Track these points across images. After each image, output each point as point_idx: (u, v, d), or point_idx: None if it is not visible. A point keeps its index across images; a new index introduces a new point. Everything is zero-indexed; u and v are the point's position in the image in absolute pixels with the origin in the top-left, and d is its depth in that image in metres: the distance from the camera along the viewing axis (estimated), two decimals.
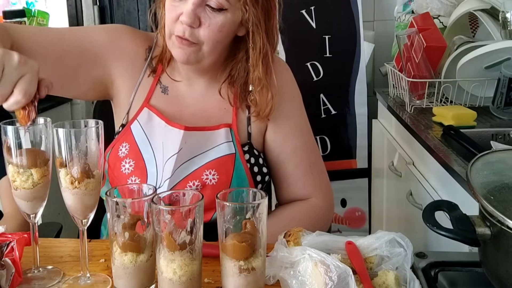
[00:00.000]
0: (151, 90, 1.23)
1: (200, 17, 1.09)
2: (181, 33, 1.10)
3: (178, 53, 1.13)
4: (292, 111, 1.26)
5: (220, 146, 1.17)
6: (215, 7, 1.09)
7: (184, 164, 1.15)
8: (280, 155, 1.23)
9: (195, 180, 1.14)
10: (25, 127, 0.86)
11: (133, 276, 0.81)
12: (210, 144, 1.17)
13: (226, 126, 1.19)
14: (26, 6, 3.05)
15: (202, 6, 1.09)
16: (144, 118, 1.20)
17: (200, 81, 1.23)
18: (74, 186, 0.85)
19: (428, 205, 0.84)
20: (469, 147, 1.39)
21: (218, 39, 1.12)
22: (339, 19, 2.28)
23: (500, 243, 0.75)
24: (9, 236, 0.98)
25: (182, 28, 1.10)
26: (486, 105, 1.79)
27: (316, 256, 0.80)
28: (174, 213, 0.75)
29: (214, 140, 1.18)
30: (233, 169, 1.16)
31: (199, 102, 1.23)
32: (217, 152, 1.17)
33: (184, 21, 1.08)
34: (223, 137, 1.18)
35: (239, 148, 1.18)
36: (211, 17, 1.10)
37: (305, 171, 1.24)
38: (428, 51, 1.89)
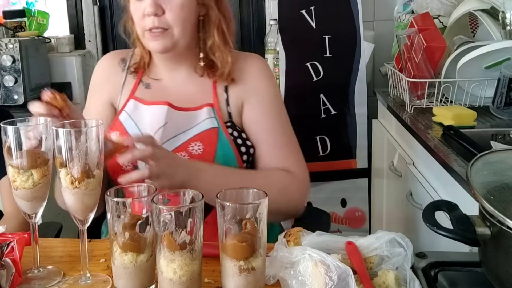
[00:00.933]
0: (135, 86, 1.34)
1: (161, 4, 1.20)
2: (151, 25, 1.21)
3: (154, 45, 1.24)
4: (267, 93, 1.33)
5: (203, 122, 1.26)
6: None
7: (170, 140, 1.25)
8: (256, 134, 1.30)
9: (182, 152, 1.23)
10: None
11: (133, 276, 0.82)
12: (194, 122, 1.27)
13: (208, 106, 1.28)
14: (26, 6, 3.05)
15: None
16: (130, 107, 1.31)
17: (180, 71, 1.32)
18: (74, 186, 0.85)
19: (428, 205, 0.84)
20: (469, 147, 1.39)
21: (183, 17, 1.23)
22: (339, 19, 2.28)
23: (500, 243, 0.75)
24: (9, 236, 0.98)
25: (150, 20, 1.21)
26: (486, 105, 1.79)
27: (316, 256, 0.81)
28: (174, 213, 0.75)
29: (197, 118, 1.27)
30: (217, 140, 1.25)
31: (182, 89, 1.32)
32: (201, 127, 1.26)
33: (149, 11, 1.20)
34: (205, 114, 1.27)
35: (221, 123, 1.27)
36: (170, 1, 1.21)
37: (281, 148, 1.30)
38: (428, 51, 1.89)
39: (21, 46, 2.50)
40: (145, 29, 1.23)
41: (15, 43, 2.49)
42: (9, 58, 2.48)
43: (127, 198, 0.83)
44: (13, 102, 2.53)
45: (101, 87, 1.39)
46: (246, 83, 1.31)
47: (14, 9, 2.94)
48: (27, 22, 2.83)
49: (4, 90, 2.52)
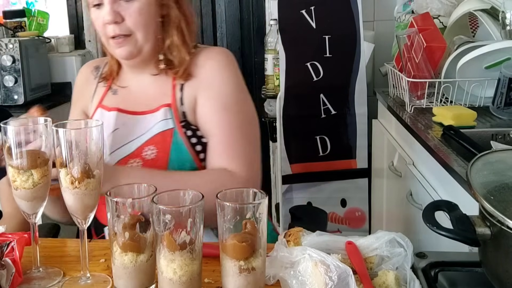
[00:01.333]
0: (104, 94, 1.35)
1: (120, 12, 1.21)
2: (112, 33, 1.22)
3: (120, 52, 1.25)
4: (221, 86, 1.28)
5: (157, 124, 1.25)
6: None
7: (123, 147, 1.25)
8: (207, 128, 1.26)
9: (135, 158, 1.23)
10: None
11: (133, 276, 0.82)
12: (148, 126, 1.26)
13: (165, 106, 1.26)
14: (26, 6, 3.06)
15: (116, 2, 1.21)
16: (97, 116, 1.31)
17: (145, 75, 1.32)
18: (74, 186, 0.85)
19: (428, 205, 0.84)
20: (469, 147, 1.39)
21: (143, 22, 1.23)
22: (339, 19, 2.28)
23: (500, 243, 0.75)
24: (9, 236, 0.98)
25: (111, 28, 1.22)
26: (486, 105, 1.79)
27: (316, 256, 0.81)
28: (174, 213, 0.75)
29: (152, 121, 1.26)
30: (171, 142, 1.23)
31: (144, 93, 1.32)
32: (155, 130, 1.25)
33: (108, 20, 1.20)
34: (161, 116, 1.26)
35: (177, 123, 1.25)
36: (128, 7, 1.21)
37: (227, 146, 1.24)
38: (428, 51, 1.89)
39: (21, 46, 2.50)
40: (108, 37, 1.23)
41: (15, 43, 2.49)
42: (9, 58, 2.49)
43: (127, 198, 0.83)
44: (13, 102, 2.53)
45: (77, 98, 1.41)
46: (200, 78, 1.28)
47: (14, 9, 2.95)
48: (27, 22, 2.84)
49: (4, 90, 2.53)
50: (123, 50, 1.24)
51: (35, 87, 2.63)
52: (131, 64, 1.30)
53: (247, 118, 1.30)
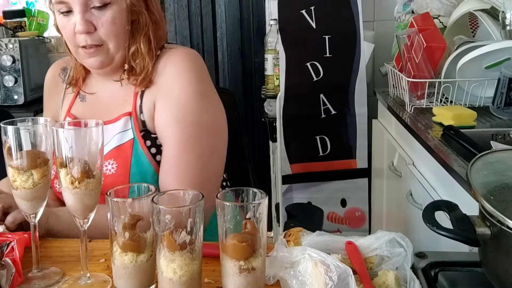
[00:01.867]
0: (72, 101, 1.31)
1: (92, 21, 1.15)
2: (83, 43, 1.16)
3: (91, 62, 1.20)
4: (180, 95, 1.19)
5: (117, 135, 1.21)
6: (100, 5, 1.15)
7: None
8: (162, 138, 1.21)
9: None
10: None
11: (133, 276, 0.82)
12: (108, 137, 1.21)
13: (126, 115, 1.22)
14: (26, 6, 3.06)
15: (88, 10, 1.15)
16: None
17: (112, 82, 1.27)
18: (74, 186, 0.85)
19: (428, 205, 0.84)
20: (469, 147, 1.39)
21: (116, 32, 1.18)
22: (339, 19, 2.28)
23: (500, 243, 0.75)
24: (9, 236, 0.98)
25: (82, 38, 1.16)
26: (486, 105, 1.79)
27: (316, 256, 0.81)
28: (174, 213, 0.75)
29: (112, 131, 1.22)
30: (131, 154, 1.19)
31: (108, 101, 1.27)
32: (115, 141, 1.21)
33: (80, 30, 1.15)
34: (121, 127, 1.21)
35: (137, 133, 1.21)
36: (100, 16, 1.16)
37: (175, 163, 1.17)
38: (428, 51, 1.89)
39: (21, 46, 2.50)
40: (78, 46, 1.18)
41: (15, 43, 2.49)
42: (9, 58, 2.49)
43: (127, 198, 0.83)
44: (13, 102, 2.53)
45: (47, 100, 1.37)
46: (159, 84, 1.21)
47: (14, 9, 2.95)
48: (27, 22, 2.84)
49: (4, 90, 2.53)
50: (95, 60, 1.19)
51: (35, 87, 2.63)
52: (101, 72, 1.26)
53: (204, 130, 1.20)
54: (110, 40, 1.18)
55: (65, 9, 1.16)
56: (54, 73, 1.38)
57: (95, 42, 1.17)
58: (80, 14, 1.14)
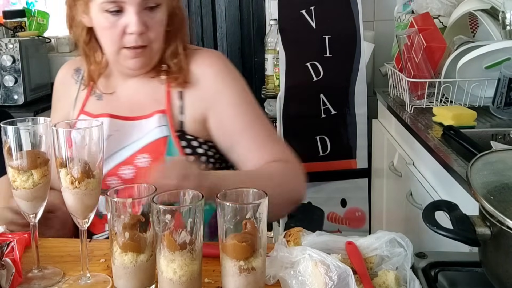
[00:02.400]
0: (86, 99, 1.29)
1: (145, 22, 1.14)
2: (133, 43, 1.15)
3: (133, 63, 1.19)
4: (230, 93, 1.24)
5: (152, 131, 1.20)
6: (154, 5, 1.15)
7: (116, 153, 1.19)
8: (230, 138, 1.22)
9: (128, 165, 1.18)
10: None
11: (133, 276, 0.82)
12: (143, 131, 1.20)
13: (159, 112, 1.21)
14: (26, 6, 3.06)
15: (142, 11, 1.14)
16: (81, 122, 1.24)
17: (135, 79, 1.26)
18: (74, 186, 0.85)
19: (428, 205, 0.84)
20: (469, 147, 1.39)
21: (161, 33, 1.19)
22: (339, 19, 2.28)
23: (500, 243, 0.75)
24: (9, 236, 0.98)
25: (132, 39, 1.15)
26: (486, 105, 1.79)
27: (316, 256, 0.81)
28: (174, 213, 0.75)
29: (146, 127, 1.21)
30: (165, 151, 1.19)
31: (132, 97, 1.26)
32: (150, 137, 1.20)
33: (136, 31, 1.13)
34: (155, 123, 1.20)
35: (172, 132, 1.20)
36: (153, 17, 1.16)
37: (263, 141, 1.21)
38: (428, 51, 1.89)
39: (21, 46, 2.50)
40: (123, 47, 1.16)
41: (15, 43, 2.49)
42: (9, 58, 2.48)
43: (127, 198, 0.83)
44: (13, 102, 2.53)
45: (57, 101, 1.35)
46: (204, 89, 1.22)
47: (14, 9, 2.95)
48: (27, 22, 2.83)
49: (4, 90, 2.53)
50: (138, 61, 1.18)
51: (35, 87, 2.63)
52: (135, 73, 1.24)
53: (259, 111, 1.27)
54: (156, 42, 1.18)
55: (115, 9, 1.13)
56: (66, 74, 1.35)
57: (144, 43, 1.16)
58: (137, 14, 1.13)
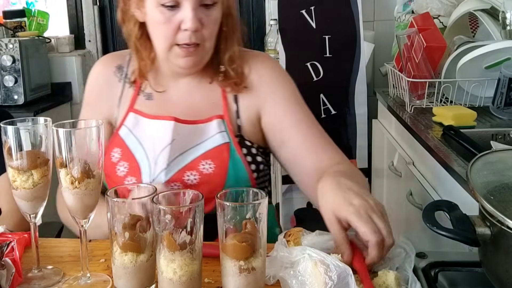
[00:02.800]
0: (134, 98, 1.23)
1: (201, 19, 1.11)
2: (187, 40, 1.11)
3: (184, 62, 1.14)
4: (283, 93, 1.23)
5: (214, 136, 1.17)
6: (210, 3, 1.12)
7: (179, 156, 1.15)
8: (282, 133, 1.20)
9: (192, 171, 1.14)
10: None
11: (133, 276, 0.82)
12: (204, 136, 1.17)
13: (218, 118, 1.18)
14: (26, 6, 3.06)
15: (198, 7, 1.10)
16: (131, 122, 1.20)
17: (186, 80, 1.23)
18: (74, 186, 0.85)
19: (428, 205, 0.84)
20: (469, 147, 1.39)
21: (215, 33, 1.15)
22: (339, 19, 2.28)
23: (500, 243, 0.75)
24: (9, 236, 0.98)
25: (187, 36, 1.10)
26: (486, 105, 1.79)
27: (315, 255, 0.81)
28: (174, 213, 0.75)
29: (207, 131, 1.17)
30: (228, 157, 1.16)
31: (187, 99, 1.22)
32: (212, 142, 1.16)
33: (192, 27, 1.09)
34: (215, 128, 1.17)
35: (233, 138, 1.17)
36: (208, 14, 1.12)
37: (314, 140, 1.20)
38: (428, 51, 1.89)
39: (21, 46, 2.50)
40: (176, 43, 1.12)
41: (15, 43, 2.49)
42: (9, 58, 2.49)
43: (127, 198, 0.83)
44: (13, 102, 2.53)
45: (96, 99, 1.28)
46: (259, 91, 1.21)
47: (14, 9, 2.95)
48: (27, 22, 2.84)
49: (4, 90, 2.53)
50: (190, 60, 1.14)
51: (35, 87, 2.63)
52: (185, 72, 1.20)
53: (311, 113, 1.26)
54: (209, 41, 1.14)
55: (172, 3, 1.09)
56: (105, 71, 1.28)
57: (197, 41, 1.12)
58: (193, 10, 1.09)
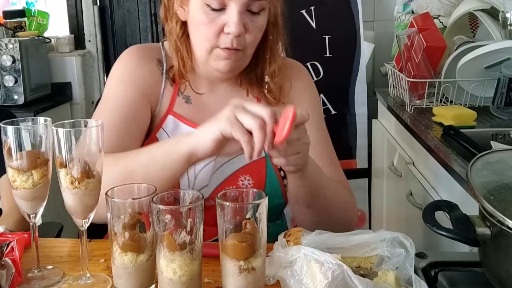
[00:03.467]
0: (173, 99, 1.19)
1: (245, 24, 1.07)
2: (229, 45, 1.07)
3: (223, 65, 1.11)
4: (309, 107, 1.20)
5: None
6: (257, 11, 1.08)
7: (218, 170, 1.13)
8: None
9: (231, 186, 1.12)
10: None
11: (133, 276, 0.82)
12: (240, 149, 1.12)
13: None
14: (26, 6, 3.06)
15: (244, 12, 1.06)
16: (170, 126, 1.16)
17: (223, 86, 1.20)
18: (74, 186, 0.85)
19: (428, 205, 0.84)
20: (469, 147, 1.39)
21: (258, 39, 1.12)
22: (339, 19, 2.28)
23: (500, 243, 0.75)
24: (9, 236, 0.98)
25: (229, 39, 1.07)
26: (486, 105, 1.79)
27: (310, 254, 0.80)
28: (174, 213, 0.75)
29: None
30: (265, 172, 1.14)
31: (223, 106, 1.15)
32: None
33: (235, 32, 1.05)
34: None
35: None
36: (254, 20, 1.08)
37: (325, 163, 1.17)
38: (428, 51, 1.89)
39: (21, 46, 2.50)
40: (217, 47, 1.08)
41: (15, 43, 2.49)
42: (9, 58, 2.48)
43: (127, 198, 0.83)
44: (13, 102, 2.53)
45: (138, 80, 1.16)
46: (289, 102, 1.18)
47: (14, 9, 2.95)
48: (27, 22, 2.83)
49: (4, 90, 2.53)
50: (228, 64, 1.10)
51: (35, 87, 2.63)
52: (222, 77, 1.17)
53: (327, 132, 1.28)
54: (250, 47, 1.11)
55: (218, 6, 1.05)
56: (148, 60, 1.20)
57: (239, 46, 1.08)
58: (239, 14, 1.05)
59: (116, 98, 1.15)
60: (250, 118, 0.87)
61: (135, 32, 2.98)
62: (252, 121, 0.86)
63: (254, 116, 0.87)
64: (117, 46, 3.01)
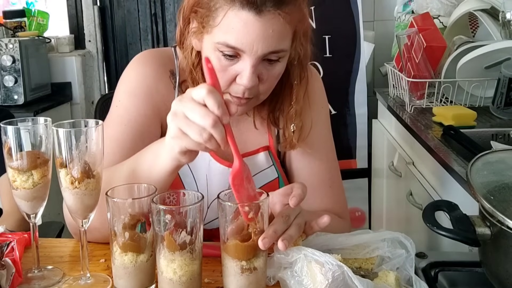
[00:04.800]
0: None
1: (260, 74, 0.97)
2: (240, 94, 0.98)
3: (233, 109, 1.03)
4: (317, 122, 1.16)
5: (263, 172, 1.10)
6: (275, 59, 0.97)
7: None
8: (290, 160, 1.15)
9: None
10: None
11: (133, 276, 0.82)
12: (253, 170, 1.06)
13: (264, 150, 1.12)
14: (26, 6, 3.06)
15: (260, 63, 0.96)
16: None
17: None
18: (74, 186, 0.85)
19: (428, 205, 0.84)
20: (469, 147, 1.39)
21: (273, 86, 1.03)
22: (339, 19, 2.28)
23: (500, 243, 0.75)
24: (9, 236, 0.98)
25: (240, 90, 0.97)
26: (486, 105, 1.79)
27: (311, 255, 0.80)
28: (174, 213, 0.75)
29: (256, 165, 1.10)
30: None
31: (235, 127, 1.08)
32: (262, 178, 1.10)
33: (246, 85, 0.95)
34: (264, 162, 1.11)
35: (280, 171, 1.12)
36: (270, 69, 0.98)
37: (322, 183, 1.13)
38: (428, 51, 1.89)
39: (21, 46, 2.50)
40: (228, 92, 0.99)
41: (15, 43, 2.49)
42: (9, 58, 2.48)
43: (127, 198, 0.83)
44: (13, 102, 2.53)
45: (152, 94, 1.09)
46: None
47: (14, 9, 2.95)
48: (27, 22, 2.83)
49: (4, 90, 2.53)
50: (239, 110, 0.99)
51: (35, 87, 2.63)
52: None
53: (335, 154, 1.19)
54: (265, 94, 1.02)
55: (231, 54, 0.95)
56: (164, 73, 1.12)
57: (251, 96, 0.98)
58: (253, 68, 0.94)
59: (129, 111, 1.08)
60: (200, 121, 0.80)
61: (135, 32, 2.98)
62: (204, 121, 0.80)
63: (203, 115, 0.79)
64: (117, 46, 3.01)
